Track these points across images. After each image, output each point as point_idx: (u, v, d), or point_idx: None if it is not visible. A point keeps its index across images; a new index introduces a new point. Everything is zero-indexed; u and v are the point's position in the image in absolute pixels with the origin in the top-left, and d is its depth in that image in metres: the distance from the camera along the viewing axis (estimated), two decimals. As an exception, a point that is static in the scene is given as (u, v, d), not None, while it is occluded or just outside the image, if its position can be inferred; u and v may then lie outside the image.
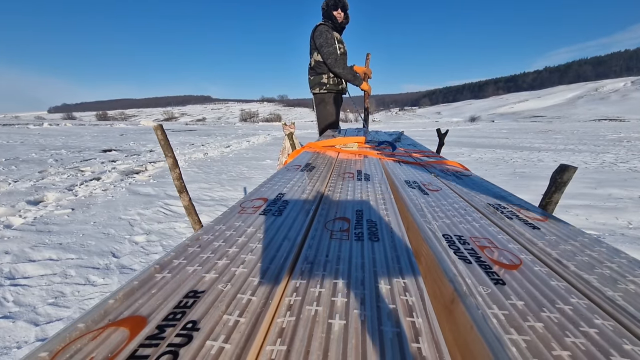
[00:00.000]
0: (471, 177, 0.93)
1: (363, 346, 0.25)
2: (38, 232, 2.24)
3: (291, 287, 0.34)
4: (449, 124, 38.85)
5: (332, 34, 2.69)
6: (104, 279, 1.68)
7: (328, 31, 2.66)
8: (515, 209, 0.64)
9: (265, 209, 0.58)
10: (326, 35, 2.65)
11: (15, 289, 1.56)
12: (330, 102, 2.91)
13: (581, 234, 0.51)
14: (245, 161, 5.97)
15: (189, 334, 0.26)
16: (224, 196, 3.35)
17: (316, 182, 0.80)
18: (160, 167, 5.04)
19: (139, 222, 2.50)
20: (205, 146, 8.72)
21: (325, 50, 2.66)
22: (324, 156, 1.25)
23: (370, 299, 0.31)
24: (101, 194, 3.32)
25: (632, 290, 0.35)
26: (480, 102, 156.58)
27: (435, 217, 0.56)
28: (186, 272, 0.36)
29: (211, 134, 14.57)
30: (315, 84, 2.88)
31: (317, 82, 2.86)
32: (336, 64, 2.70)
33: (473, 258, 0.41)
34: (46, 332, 1.29)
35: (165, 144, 0.99)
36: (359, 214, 0.57)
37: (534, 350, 0.26)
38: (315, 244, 0.44)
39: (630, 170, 4.58)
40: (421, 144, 1.78)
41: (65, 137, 10.77)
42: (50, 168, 4.65)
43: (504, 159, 5.97)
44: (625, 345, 0.27)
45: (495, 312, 0.30)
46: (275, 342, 0.26)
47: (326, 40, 2.65)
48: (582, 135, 12.57)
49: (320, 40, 2.66)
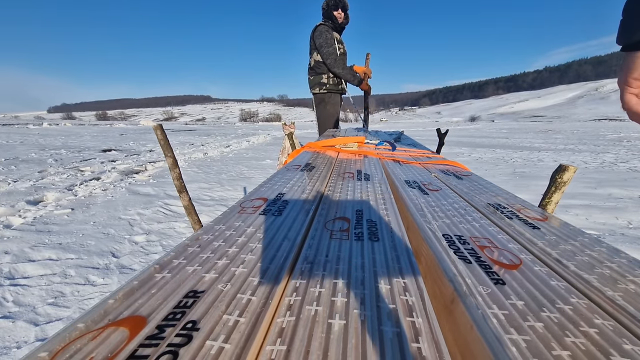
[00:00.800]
0: (471, 177, 0.93)
1: (363, 346, 0.25)
2: (38, 232, 2.24)
3: (291, 287, 0.34)
4: (449, 123, 38.87)
5: (332, 34, 2.69)
6: (104, 278, 1.68)
7: (328, 31, 2.67)
8: (515, 208, 0.64)
9: (265, 209, 0.58)
10: (326, 35, 2.65)
11: (15, 289, 1.56)
12: (330, 102, 2.91)
13: (581, 234, 0.51)
14: (245, 161, 5.97)
15: (189, 334, 0.26)
16: (224, 196, 3.35)
17: (316, 182, 0.80)
18: (160, 167, 5.04)
19: (138, 222, 2.50)
20: (205, 146, 8.72)
21: (325, 50, 2.67)
22: (323, 156, 1.25)
23: (370, 299, 0.31)
24: (101, 193, 3.32)
25: (632, 290, 0.35)
26: (480, 102, 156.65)
27: (435, 217, 0.56)
28: (186, 272, 0.36)
29: (211, 134, 14.57)
30: (315, 84, 2.88)
31: (316, 82, 2.87)
32: (336, 64, 2.70)
33: (473, 258, 0.41)
34: (46, 332, 1.29)
35: (165, 144, 0.99)
36: (358, 214, 0.57)
37: (534, 350, 0.26)
38: (315, 243, 0.44)
39: (630, 170, 4.59)
40: (421, 144, 1.78)
41: (65, 137, 10.77)
42: (49, 168, 4.65)
43: (504, 159, 5.97)
44: (625, 345, 0.27)
45: (495, 312, 0.30)
46: (275, 342, 0.26)
47: (326, 40, 2.65)
48: (582, 135, 12.58)
49: (320, 41, 2.66)
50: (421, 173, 0.95)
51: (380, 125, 30.39)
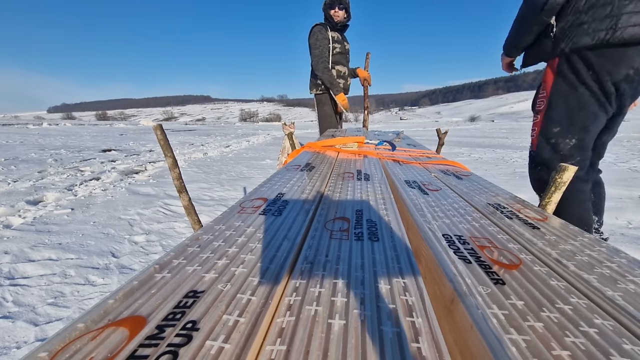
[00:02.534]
0: (471, 177, 0.94)
1: (363, 346, 0.25)
2: (37, 232, 2.24)
3: (291, 287, 0.34)
4: (449, 123, 38.93)
5: (326, 34, 2.66)
6: (104, 278, 1.68)
7: (321, 32, 2.65)
8: (515, 208, 0.64)
9: (265, 209, 0.58)
10: (317, 36, 2.64)
11: (15, 289, 1.56)
12: (329, 102, 2.91)
13: (581, 234, 0.51)
14: (244, 161, 5.97)
15: (189, 334, 0.26)
16: (224, 196, 3.35)
17: (316, 182, 0.80)
18: (160, 166, 5.03)
19: (138, 222, 2.50)
20: (205, 146, 8.72)
21: (312, 51, 2.67)
22: (323, 156, 1.25)
23: (370, 299, 0.31)
24: (101, 193, 3.32)
25: (631, 290, 0.35)
26: (480, 102, 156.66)
27: (435, 217, 0.56)
28: (186, 272, 0.36)
29: (211, 134, 14.56)
30: (313, 85, 2.89)
31: (315, 83, 2.87)
32: (317, 67, 2.65)
33: (473, 258, 0.41)
34: (46, 332, 1.29)
35: (165, 144, 0.99)
36: (358, 214, 0.57)
37: (533, 350, 0.26)
38: (315, 243, 0.44)
39: (630, 170, 4.59)
40: (421, 144, 1.78)
41: (65, 137, 10.76)
42: (49, 168, 4.65)
43: (503, 159, 5.97)
44: (625, 345, 0.27)
45: (495, 312, 0.30)
46: (275, 342, 0.26)
47: (316, 41, 2.64)
48: (582, 135, 12.57)
49: (311, 42, 2.67)
50: (421, 173, 0.95)
51: (379, 125, 30.45)
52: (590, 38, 1.08)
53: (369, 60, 3.12)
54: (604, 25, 1.06)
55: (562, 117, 1.19)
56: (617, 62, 1.08)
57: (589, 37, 1.09)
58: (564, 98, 1.18)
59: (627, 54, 1.07)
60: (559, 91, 1.19)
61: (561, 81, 1.18)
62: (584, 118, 1.15)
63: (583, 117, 1.15)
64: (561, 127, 1.19)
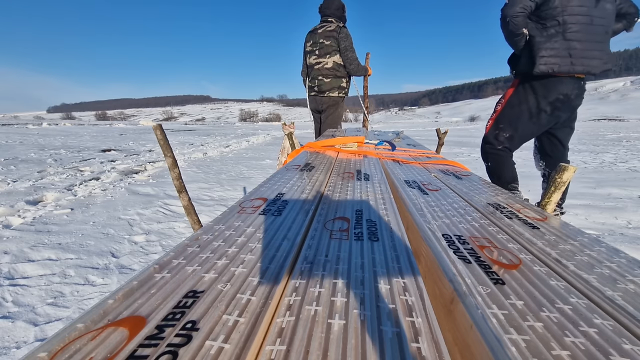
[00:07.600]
0: (471, 177, 0.94)
1: (363, 346, 0.25)
2: (37, 232, 2.24)
3: (291, 287, 0.34)
4: (449, 123, 38.89)
5: None
6: (103, 279, 1.67)
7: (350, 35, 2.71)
8: (515, 208, 0.64)
9: (265, 209, 0.58)
10: (351, 39, 2.70)
11: (15, 289, 1.56)
12: (342, 105, 2.95)
13: (580, 234, 0.51)
14: (244, 161, 5.97)
15: (189, 334, 0.26)
16: (224, 196, 3.35)
17: (316, 182, 0.80)
18: (160, 166, 5.03)
19: (138, 222, 2.50)
20: (205, 146, 8.72)
21: (351, 55, 2.70)
22: (323, 156, 1.25)
23: (370, 299, 0.31)
24: (100, 193, 3.32)
25: (631, 289, 0.35)
26: (480, 102, 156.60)
27: (434, 216, 0.56)
28: (185, 272, 0.36)
29: (210, 134, 14.55)
30: (334, 87, 2.82)
31: (336, 86, 2.82)
32: (359, 69, 2.79)
33: (473, 258, 0.41)
34: (45, 332, 1.29)
35: (165, 144, 0.99)
36: (358, 214, 0.57)
37: (533, 350, 0.26)
38: (315, 243, 0.44)
39: (629, 170, 4.59)
40: (421, 144, 1.78)
41: (65, 137, 10.75)
42: (49, 168, 4.65)
43: (503, 159, 5.97)
44: (624, 344, 0.27)
45: (495, 311, 0.30)
46: (275, 342, 0.26)
47: (351, 44, 2.70)
48: (582, 134, 12.59)
49: (347, 44, 2.68)
50: (421, 173, 0.95)
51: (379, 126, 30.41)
52: (527, 69, 1.54)
53: (369, 60, 3.14)
54: (530, 61, 1.52)
55: (506, 119, 1.73)
56: (548, 88, 1.55)
57: (527, 68, 1.55)
58: (511, 107, 1.71)
59: (552, 82, 1.53)
60: (510, 102, 1.72)
61: (514, 96, 1.70)
62: (518, 123, 1.69)
63: (517, 122, 1.69)
64: (504, 125, 1.74)
